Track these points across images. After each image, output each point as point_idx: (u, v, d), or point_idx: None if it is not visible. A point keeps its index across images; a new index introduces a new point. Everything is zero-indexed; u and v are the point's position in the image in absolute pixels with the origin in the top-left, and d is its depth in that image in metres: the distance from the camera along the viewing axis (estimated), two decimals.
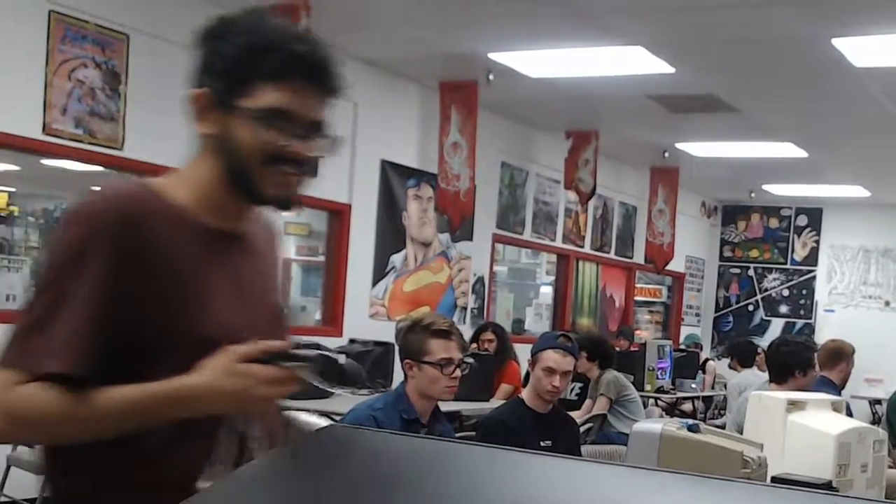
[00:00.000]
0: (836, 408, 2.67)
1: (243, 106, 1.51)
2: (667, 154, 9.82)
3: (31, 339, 1.41)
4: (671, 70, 6.64)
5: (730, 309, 13.59)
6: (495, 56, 6.76)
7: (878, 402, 9.90)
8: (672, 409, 8.79)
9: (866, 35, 5.71)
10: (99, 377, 1.42)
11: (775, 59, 6.39)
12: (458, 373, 3.36)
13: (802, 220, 13.21)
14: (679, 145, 9.52)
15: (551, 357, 3.97)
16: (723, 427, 5.12)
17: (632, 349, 9.18)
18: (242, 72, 1.51)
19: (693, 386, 9.25)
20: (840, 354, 5.67)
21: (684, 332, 12.69)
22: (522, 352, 4.64)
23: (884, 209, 12.44)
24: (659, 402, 8.65)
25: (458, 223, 8.02)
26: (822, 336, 9.60)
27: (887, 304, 12.70)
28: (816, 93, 7.20)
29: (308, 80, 1.52)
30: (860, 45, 5.88)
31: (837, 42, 5.84)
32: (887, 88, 6.90)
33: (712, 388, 10.05)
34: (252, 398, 1.44)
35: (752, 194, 12.28)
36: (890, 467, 3.16)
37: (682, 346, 11.04)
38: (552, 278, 10.59)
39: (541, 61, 6.82)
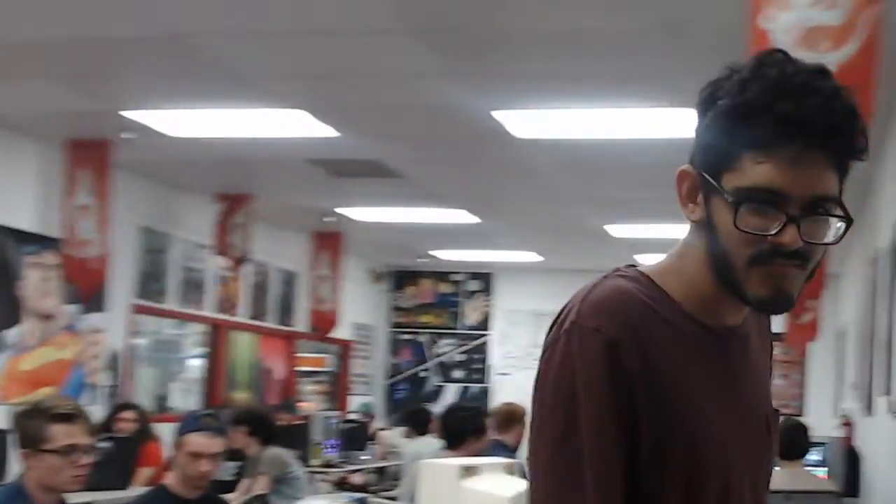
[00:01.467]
0: (509, 471, 2.76)
1: (726, 185, 1.30)
2: (329, 219, 9.75)
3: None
4: (335, 134, 6.63)
5: (402, 376, 13.69)
6: (130, 114, 6.42)
7: None
8: (342, 484, 8.77)
9: (525, 109, 5.94)
10: None
11: (440, 128, 6.51)
12: (85, 460, 3.21)
13: (474, 285, 13.51)
14: (342, 210, 9.50)
15: (196, 441, 3.91)
16: (396, 499, 5.32)
17: (295, 422, 9.05)
18: (724, 143, 1.30)
19: (364, 457, 9.26)
20: (513, 417, 5.98)
21: (355, 401, 12.67)
22: (169, 431, 4.51)
23: (555, 274, 12.84)
24: (327, 476, 8.64)
25: (88, 293, 7.56)
26: (497, 400, 9.94)
27: None
28: (483, 162, 7.39)
29: (806, 147, 1.25)
30: (519, 117, 6.11)
31: (497, 114, 6.02)
32: (550, 160, 7.16)
33: (385, 458, 10.04)
34: None
35: (422, 259, 12.45)
36: None
37: (353, 417, 11.03)
38: (202, 350, 10.16)
39: (185, 121, 6.57)
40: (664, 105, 5.67)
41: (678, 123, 5.91)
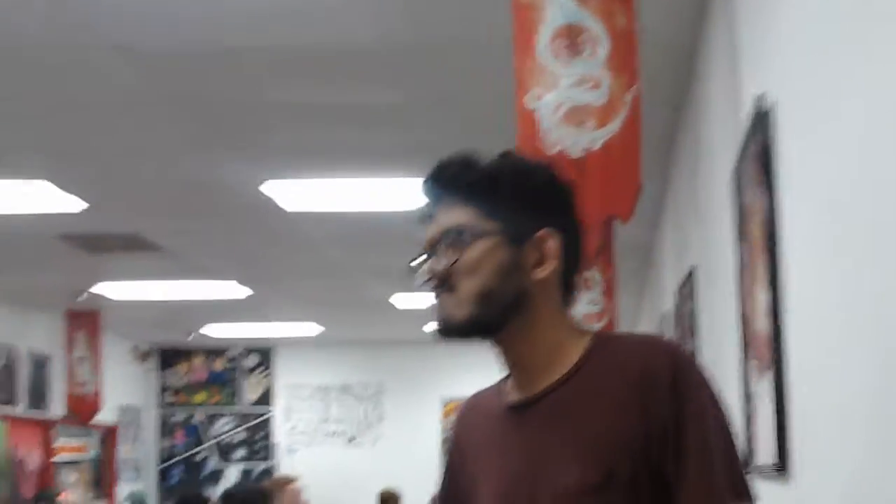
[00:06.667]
0: None
1: None
2: (84, 296, 9.35)
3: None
4: (84, 206, 6.35)
5: (177, 459, 13.31)
6: None
7: None
8: None
9: (294, 178, 5.88)
10: None
11: (204, 201, 6.37)
12: None
13: (253, 360, 13.32)
14: (99, 287, 9.14)
15: None
16: None
17: None
18: None
19: None
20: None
21: (124, 489, 12.23)
22: None
23: (338, 345, 12.95)
24: None
25: None
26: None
27: (351, 439, 13.19)
28: (252, 234, 7.28)
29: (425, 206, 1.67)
30: (288, 189, 6.05)
31: (265, 188, 5.94)
32: (323, 232, 7.15)
33: None
34: None
35: (192, 336, 12.13)
36: None
37: None
38: None
39: None
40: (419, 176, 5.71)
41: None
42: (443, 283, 1.60)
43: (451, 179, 1.63)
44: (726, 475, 1.52)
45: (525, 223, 1.60)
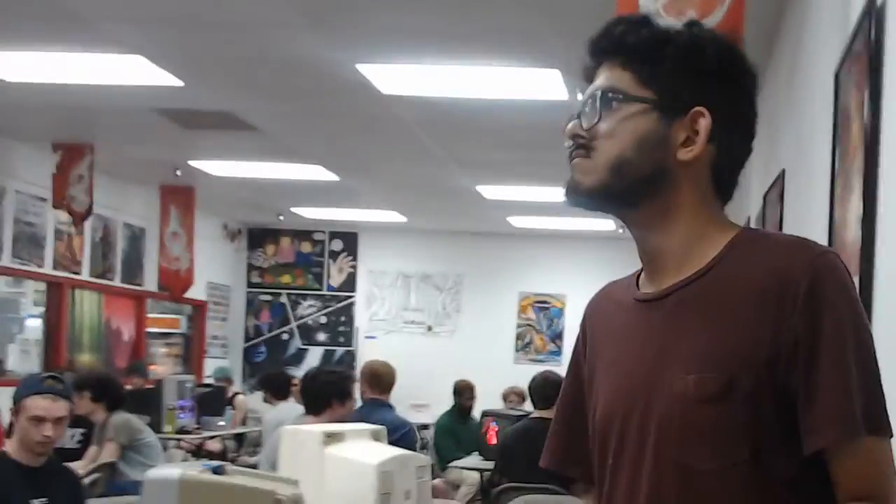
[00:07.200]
0: (375, 437, 2.75)
1: None
2: (179, 172, 9.49)
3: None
4: (179, 83, 6.45)
5: (262, 338, 13.54)
6: None
7: (426, 426, 10.39)
8: (198, 451, 8.72)
9: (391, 63, 5.90)
10: None
11: (297, 81, 6.41)
12: None
13: (337, 245, 13.41)
14: (193, 163, 9.27)
15: (38, 404, 3.85)
16: (256, 466, 5.24)
17: (146, 387, 8.90)
18: None
19: (221, 423, 9.19)
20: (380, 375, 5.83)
21: (210, 365, 12.48)
22: (7, 396, 4.29)
23: (421, 235, 12.95)
24: (182, 443, 8.57)
25: None
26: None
27: (430, 329, 13.22)
28: (344, 117, 7.32)
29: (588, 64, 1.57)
30: (385, 72, 6.06)
31: (362, 68, 5.95)
32: (417, 117, 7.15)
33: (243, 423, 10.00)
34: None
35: (281, 217, 12.26)
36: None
37: (209, 381, 10.89)
38: (41, 310, 9.87)
39: (18, 64, 6.34)
40: (532, 65, 5.73)
41: (547, 85, 5.95)
42: (581, 146, 1.50)
43: (615, 38, 1.51)
44: (862, 403, 1.36)
45: (681, 96, 1.47)
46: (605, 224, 10.59)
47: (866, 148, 2.27)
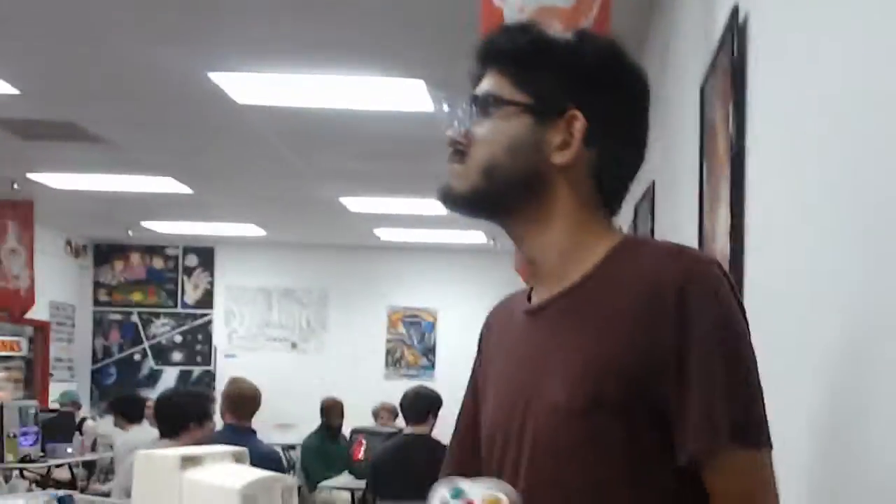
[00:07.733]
0: (238, 458, 2.52)
1: None
2: (17, 185, 9.15)
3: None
4: (15, 91, 6.23)
5: (111, 359, 13.19)
6: None
7: (292, 447, 10.34)
8: (45, 480, 8.50)
9: (246, 72, 5.79)
10: None
11: (145, 90, 6.26)
12: None
13: (192, 260, 13.14)
14: (32, 176, 8.95)
15: None
16: (108, 494, 5.22)
17: None
18: None
19: (69, 451, 8.94)
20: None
21: (57, 389, 12.02)
22: None
23: (282, 248, 12.81)
24: (26, 473, 8.43)
25: None
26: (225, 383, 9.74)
27: (294, 346, 13.07)
28: (197, 128, 7.17)
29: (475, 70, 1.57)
30: (240, 81, 5.95)
31: (215, 76, 5.82)
32: (275, 127, 7.04)
33: (93, 450, 9.65)
34: None
35: (130, 232, 11.94)
36: None
37: (55, 406, 10.52)
38: None
39: None
40: (395, 75, 5.69)
41: (411, 95, 5.92)
42: (458, 152, 1.51)
43: (494, 45, 1.54)
44: (730, 414, 1.34)
45: (557, 100, 1.46)
46: (477, 237, 10.64)
47: (732, 161, 2.26)
